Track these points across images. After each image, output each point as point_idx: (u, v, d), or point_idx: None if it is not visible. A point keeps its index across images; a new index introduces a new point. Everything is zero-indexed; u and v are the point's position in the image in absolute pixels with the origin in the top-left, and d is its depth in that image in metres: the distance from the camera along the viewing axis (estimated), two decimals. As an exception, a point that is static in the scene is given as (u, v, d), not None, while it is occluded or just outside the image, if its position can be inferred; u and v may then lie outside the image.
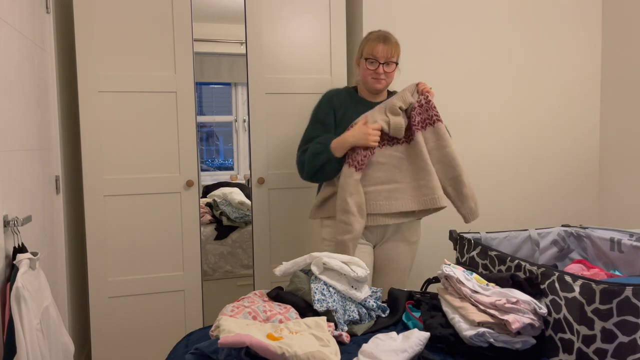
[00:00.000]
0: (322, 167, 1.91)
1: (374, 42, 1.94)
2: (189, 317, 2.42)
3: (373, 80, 1.96)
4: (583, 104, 2.90)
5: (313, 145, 1.94)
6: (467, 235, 1.79)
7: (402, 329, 1.38)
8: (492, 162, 2.79)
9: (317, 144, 1.93)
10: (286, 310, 1.33)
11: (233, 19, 2.55)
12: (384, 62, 1.93)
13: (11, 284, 1.33)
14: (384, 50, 1.92)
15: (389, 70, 1.96)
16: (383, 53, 1.92)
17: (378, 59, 1.93)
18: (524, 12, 2.77)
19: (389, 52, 1.93)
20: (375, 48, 1.93)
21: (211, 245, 2.71)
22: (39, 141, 1.87)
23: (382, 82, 1.97)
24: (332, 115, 2.00)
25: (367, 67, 1.96)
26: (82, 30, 2.20)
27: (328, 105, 2.02)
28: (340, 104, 2.01)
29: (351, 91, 2.07)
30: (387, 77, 1.97)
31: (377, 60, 1.93)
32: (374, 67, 1.94)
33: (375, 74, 1.94)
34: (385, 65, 1.94)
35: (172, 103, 2.33)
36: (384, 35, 1.96)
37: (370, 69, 1.95)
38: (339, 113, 2.00)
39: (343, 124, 1.97)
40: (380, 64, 1.93)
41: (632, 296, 1.14)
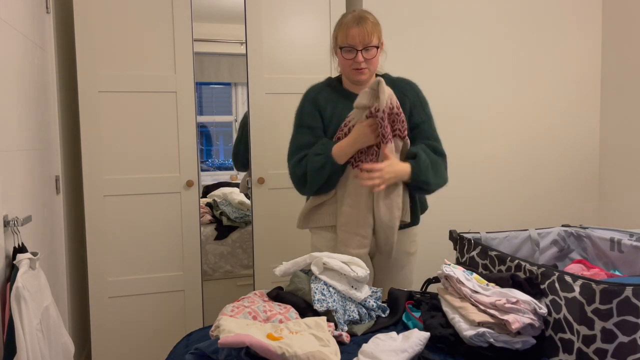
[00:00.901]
0: (328, 180, 1.68)
1: (346, 27, 1.66)
2: (189, 317, 2.42)
3: (354, 72, 1.69)
4: (583, 104, 2.90)
5: (311, 158, 1.68)
6: (467, 235, 1.79)
7: (402, 329, 1.38)
8: (492, 163, 2.79)
9: (315, 156, 1.68)
10: (286, 310, 1.33)
11: (233, 19, 2.55)
12: (362, 49, 1.65)
13: (11, 284, 1.33)
14: (360, 35, 1.63)
15: (369, 56, 1.67)
16: (359, 38, 1.64)
17: (355, 46, 1.65)
18: (524, 12, 2.77)
19: (365, 35, 1.64)
20: (349, 33, 1.64)
21: (211, 245, 2.71)
22: (39, 141, 1.87)
23: (365, 72, 1.69)
24: (319, 117, 1.76)
25: (343, 56, 1.68)
26: (82, 30, 2.20)
27: (312, 106, 1.77)
28: (326, 103, 1.76)
29: (335, 84, 1.81)
30: (369, 64, 1.68)
31: (354, 48, 1.65)
32: (351, 55, 1.67)
33: (354, 63, 1.67)
34: (364, 51, 1.65)
35: (172, 103, 2.33)
36: (357, 16, 1.66)
37: (347, 58, 1.68)
38: (327, 113, 1.75)
39: (333, 124, 1.74)
40: (358, 51, 1.65)
41: (632, 296, 1.14)
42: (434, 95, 2.68)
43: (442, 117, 2.69)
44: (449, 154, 2.69)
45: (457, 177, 2.74)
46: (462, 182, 2.75)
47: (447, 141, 2.71)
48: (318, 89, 1.81)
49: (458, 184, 2.74)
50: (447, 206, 2.73)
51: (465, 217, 2.76)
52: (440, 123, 2.68)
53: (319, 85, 1.83)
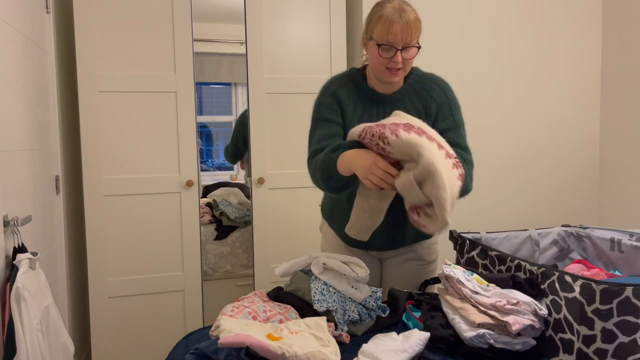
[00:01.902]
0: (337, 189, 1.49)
1: (389, 22, 1.41)
2: (189, 317, 2.42)
3: (387, 72, 1.48)
4: (583, 104, 2.90)
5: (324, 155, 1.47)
6: (467, 235, 1.79)
7: (402, 329, 1.38)
8: (492, 162, 2.79)
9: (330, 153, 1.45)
10: (286, 310, 1.33)
11: (233, 19, 2.55)
12: (403, 48, 1.44)
13: (11, 284, 1.33)
14: (403, 32, 1.41)
15: (408, 56, 1.45)
16: (402, 36, 1.41)
17: (395, 45, 1.42)
18: (524, 12, 2.77)
19: (408, 33, 1.41)
20: (391, 30, 1.41)
21: (211, 245, 2.71)
22: (39, 141, 1.87)
23: (399, 74, 1.49)
24: (339, 112, 1.55)
25: (379, 54, 1.45)
26: (82, 30, 2.20)
27: (332, 99, 1.56)
28: (349, 99, 1.56)
29: (358, 80, 1.58)
30: (405, 65, 1.47)
31: (393, 46, 1.43)
32: (389, 54, 1.44)
33: (391, 62, 1.45)
34: (404, 51, 1.44)
35: (172, 103, 2.33)
36: (399, 8, 1.42)
37: (384, 57, 1.45)
38: (348, 111, 1.55)
39: (355, 120, 1.56)
40: (398, 50, 1.43)
41: (633, 296, 1.14)
42: (434, 95, 2.68)
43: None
44: (449, 154, 2.70)
45: (457, 177, 2.74)
46: (462, 182, 2.75)
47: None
48: (340, 83, 1.59)
49: (458, 184, 2.74)
50: (447, 206, 2.73)
51: (465, 217, 2.76)
52: (440, 123, 2.70)
53: (341, 77, 1.61)
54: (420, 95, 1.58)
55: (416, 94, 1.59)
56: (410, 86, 1.59)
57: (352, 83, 1.59)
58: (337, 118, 1.54)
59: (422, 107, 1.58)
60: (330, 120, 1.54)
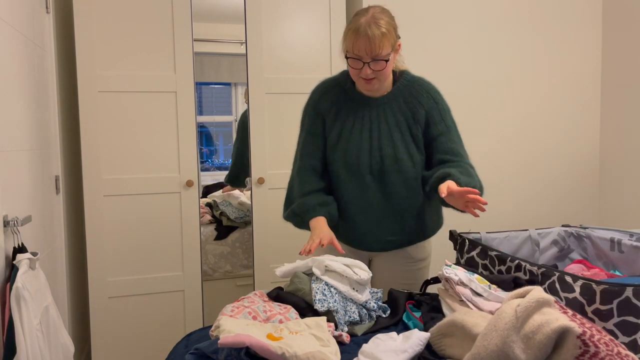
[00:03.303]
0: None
1: (353, 36, 1.47)
2: (189, 317, 2.42)
3: (362, 82, 1.54)
4: (583, 104, 2.90)
5: (298, 205, 1.63)
6: (467, 235, 1.79)
7: (403, 329, 1.38)
8: (492, 162, 2.79)
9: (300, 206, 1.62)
10: (286, 310, 1.33)
11: (233, 19, 2.55)
12: (370, 60, 1.48)
13: (11, 284, 1.33)
14: (367, 46, 1.45)
15: (377, 68, 1.49)
16: (366, 50, 1.46)
17: (361, 58, 1.48)
18: (524, 12, 2.77)
19: (373, 47, 1.45)
20: (356, 44, 1.47)
21: (211, 245, 2.71)
22: (38, 141, 1.87)
23: (373, 82, 1.53)
24: (320, 123, 1.65)
25: (350, 66, 1.53)
26: (82, 30, 2.20)
27: (314, 111, 1.65)
28: (330, 107, 1.63)
29: (346, 84, 1.64)
30: (378, 75, 1.51)
31: (360, 59, 1.49)
32: (357, 66, 1.50)
33: (361, 73, 1.51)
34: (373, 63, 1.48)
35: (172, 103, 2.33)
36: (365, 23, 1.45)
37: (353, 68, 1.52)
38: (330, 117, 1.63)
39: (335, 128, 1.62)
40: (365, 63, 1.49)
41: (633, 296, 1.14)
42: (434, 95, 2.68)
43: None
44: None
45: (457, 177, 2.74)
46: (462, 182, 2.75)
47: (447, 141, 2.72)
48: (324, 89, 1.66)
49: (458, 184, 2.74)
50: (447, 206, 2.73)
51: (465, 217, 2.76)
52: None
53: (328, 83, 1.68)
54: (408, 100, 1.61)
55: (404, 98, 1.61)
56: (398, 90, 1.62)
57: (340, 87, 1.65)
58: (318, 129, 1.65)
59: (409, 113, 1.60)
60: (312, 133, 1.66)
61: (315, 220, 1.57)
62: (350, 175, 1.61)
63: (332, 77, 1.69)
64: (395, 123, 1.59)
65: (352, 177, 1.61)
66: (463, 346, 1.13)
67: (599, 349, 0.93)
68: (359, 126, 1.60)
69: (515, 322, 1.00)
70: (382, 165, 1.58)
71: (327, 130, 1.64)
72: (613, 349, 0.94)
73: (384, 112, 1.60)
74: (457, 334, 1.17)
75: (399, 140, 1.58)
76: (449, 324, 1.19)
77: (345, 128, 1.61)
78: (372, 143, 1.59)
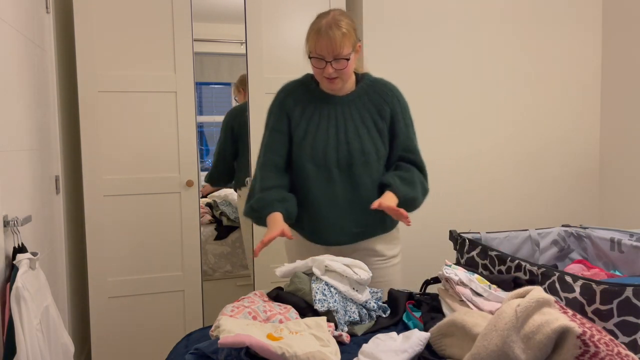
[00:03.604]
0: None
1: (316, 36, 1.55)
2: (189, 317, 2.42)
3: (325, 81, 1.61)
4: (583, 104, 2.90)
5: (256, 201, 1.63)
6: (467, 235, 1.79)
7: (403, 329, 1.38)
8: (492, 162, 2.79)
9: (258, 202, 1.62)
10: (286, 310, 1.33)
11: (233, 19, 2.55)
12: (333, 60, 1.55)
13: (11, 284, 1.33)
14: (328, 46, 1.53)
15: (339, 67, 1.56)
16: (328, 49, 1.54)
17: (324, 57, 1.56)
18: (524, 12, 2.77)
19: (335, 47, 1.53)
20: (317, 44, 1.55)
21: (211, 245, 2.71)
22: (39, 141, 1.87)
23: (336, 82, 1.60)
24: (286, 122, 1.69)
25: (313, 65, 1.60)
26: (82, 30, 2.20)
27: (280, 110, 1.70)
28: (295, 105, 1.69)
29: (311, 84, 1.71)
30: (340, 74, 1.58)
31: (323, 59, 1.56)
32: (321, 65, 1.57)
33: (324, 72, 1.58)
34: (335, 62, 1.56)
35: (172, 103, 2.33)
36: (326, 24, 1.54)
37: (316, 67, 1.60)
38: (295, 115, 1.68)
39: (301, 127, 1.67)
40: (328, 62, 1.56)
41: (633, 296, 1.14)
42: (433, 96, 2.68)
43: (442, 118, 2.70)
44: (450, 154, 2.71)
45: (458, 177, 2.74)
46: (463, 182, 2.75)
47: (447, 142, 2.72)
48: (289, 90, 1.73)
49: (458, 184, 2.74)
50: (446, 206, 2.73)
51: (465, 217, 2.77)
52: (441, 124, 2.70)
53: (293, 84, 1.75)
54: (373, 98, 1.68)
55: (369, 97, 1.68)
56: (362, 89, 1.69)
57: (304, 88, 1.71)
58: (283, 127, 1.69)
59: (375, 109, 1.68)
60: (276, 129, 1.69)
61: (272, 217, 1.59)
62: (317, 170, 1.66)
63: (297, 79, 1.76)
64: (361, 119, 1.66)
65: (319, 171, 1.66)
66: (463, 346, 1.13)
67: (599, 349, 0.93)
68: (325, 123, 1.66)
69: (515, 322, 1.00)
70: (349, 158, 1.64)
71: (292, 128, 1.69)
72: (613, 349, 0.94)
73: (349, 109, 1.67)
74: (457, 334, 1.17)
75: (365, 135, 1.65)
76: (449, 324, 1.19)
77: (312, 125, 1.67)
78: (338, 138, 1.65)
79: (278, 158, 1.69)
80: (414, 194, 1.62)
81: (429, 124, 2.68)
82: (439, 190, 2.71)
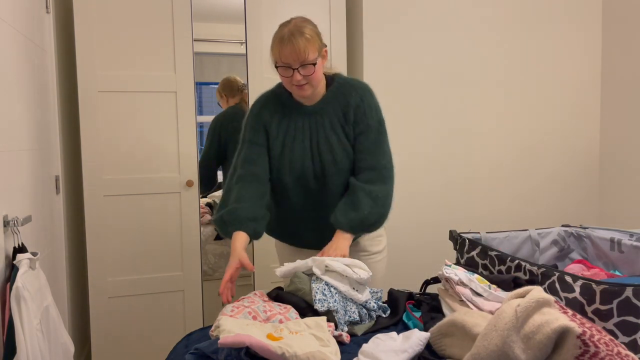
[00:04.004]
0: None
1: (279, 45, 1.53)
2: (189, 317, 2.42)
3: (295, 88, 1.58)
4: (583, 104, 2.90)
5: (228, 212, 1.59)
6: (467, 235, 1.79)
7: (403, 329, 1.38)
8: (492, 162, 2.79)
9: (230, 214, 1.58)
10: (286, 310, 1.33)
11: (233, 19, 2.55)
12: (299, 66, 1.52)
13: (11, 284, 1.33)
14: (293, 53, 1.50)
15: (307, 73, 1.53)
16: (293, 56, 1.51)
17: (290, 65, 1.53)
18: (524, 12, 2.77)
19: (299, 53, 1.50)
20: (282, 52, 1.52)
21: (211, 245, 2.71)
22: (39, 141, 1.87)
23: (305, 88, 1.57)
24: (264, 134, 1.66)
25: (280, 74, 1.57)
26: (82, 30, 2.20)
27: (256, 122, 1.66)
28: (271, 118, 1.66)
29: (283, 94, 1.68)
30: (309, 80, 1.55)
31: (289, 66, 1.53)
32: (288, 73, 1.54)
33: (293, 80, 1.54)
34: (302, 68, 1.52)
35: (172, 103, 2.33)
36: (289, 32, 1.52)
37: (284, 76, 1.56)
38: (272, 128, 1.65)
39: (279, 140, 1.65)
40: (295, 70, 1.53)
41: (633, 296, 1.14)
42: (433, 96, 2.68)
43: (442, 117, 2.70)
44: (449, 154, 2.71)
45: (458, 177, 2.74)
46: (463, 182, 2.75)
47: (447, 142, 2.72)
48: (263, 102, 1.70)
49: (458, 184, 2.74)
50: (446, 206, 2.73)
51: (465, 217, 2.76)
52: (441, 125, 2.70)
53: (266, 96, 1.71)
54: (340, 101, 1.64)
55: (336, 101, 1.65)
56: (331, 94, 1.65)
57: (277, 99, 1.68)
58: (260, 139, 1.66)
59: (341, 113, 1.64)
60: (253, 142, 1.66)
61: (236, 239, 1.55)
62: (295, 182, 1.66)
63: (270, 90, 1.73)
64: (331, 127, 1.64)
65: (298, 183, 1.66)
66: (463, 346, 1.13)
67: (599, 349, 0.93)
68: (300, 135, 1.65)
69: (515, 322, 1.00)
70: (323, 170, 1.63)
71: (270, 142, 1.66)
72: (613, 349, 0.94)
73: (321, 118, 1.64)
74: (457, 334, 1.17)
75: (335, 144, 1.63)
76: (449, 324, 1.19)
77: (288, 138, 1.65)
78: (312, 150, 1.63)
79: (259, 169, 1.65)
80: (359, 216, 1.56)
81: (428, 124, 2.68)
82: (438, 190, 2.71)
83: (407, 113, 2.63)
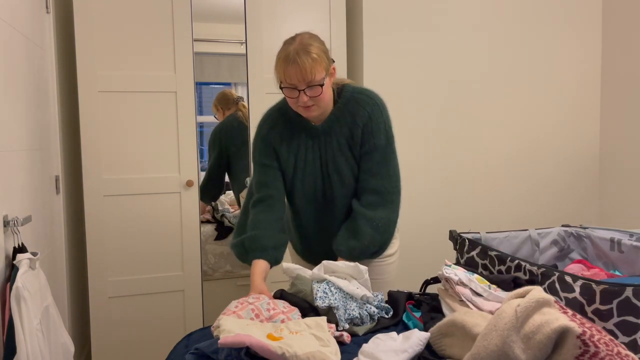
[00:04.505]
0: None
1: (283, 65, 1.44)
2: (189, 317, 2.42)
3: (301, 109, 1.50)
4: (583, 104, 2.90)
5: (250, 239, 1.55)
6: (467, 235, 1.79)
7: (403, 329, 1.38)
8: (492, 162, 2.79)
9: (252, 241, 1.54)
10: (289, 310, 1.33)
11: (233, 19, 2.55)
12: (306, 87, 1.44)
13: (11, 284, 1.33)
14: (298, 75, 1.42)
15: (314, 94, 1.45)
16: (298, 78, 1.42)
17: (295, 86, 1.44)
18: (524, 13, 2.77)
19: (306, 74, 1.41)
20: (287, 73, 1.43)
21: (211, 245, 2.71)
22: (38, 141, 1.87)
23: (312, 109, 1.49)
24: (274, 155, 1.61)
25: (287, 95, 1.49)
26: (82, 30, 2.20)
27: (265, 145, 1.61)
28: (281, 140, 1.60)
29: (289, 112, 1.59)
30: (316, 100, 1.47)
31: (295, 88, 1.45)
32: (294, 94, 1.46)
33: (298, 101, 1.47)
34: (308, 89, 1.44)
35: (172, 103, 2.33)
36: (294, 51, 1.42)
37: (289, 97, 1.49)
38: (282, 151, 1.60)
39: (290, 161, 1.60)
40: (301, 91, 1.44)
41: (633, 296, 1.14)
42: (433, 96, 2.68)
43: (442, 118, 2.70)
44: (449, 154, 2.71)
45: (458, 177, 2.74)
46: (463, 182, 2.75)
47: (448, 143, 2.72)
48: (272, 123, 1.63)
49: (458, 184, 2.74)
50: (446, 206, 2.73)
51: (465, 217, 2.77)
52: (442, 125, 2.70)
53: (273, 115, 1.64)
54: (348, 120, 1.57)
55: (344, 119, 1.57)
56: (338, 111, 1.58)
57: (285, 118, 1.61)
58: (272, 161, 1.61)
59: (349, 133, 1.58)
60: (265, 165, 1.61)
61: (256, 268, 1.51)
62: (307, 203, 1.66)
63: (276, 107, 1.66)
64: (339, 147, 1.59)
65: (310, 204, 1.66)
66: (463, 346, 1.13)
67: (598, 349, 0.93)
68: (311, 156, 1.60)
69: (515, 322, 1.00)
70: (332, 190, 1.62)
71: (282, 163, 1.62)
72: (613, 349, 0.94)
73: (330, 138, 1.59)
74: (457, 334, 1.17)
75: (343, 164, 1.59)
76: (449, 324, 1.19)
77: (299, 160, 1.61)
78: (322, 171, 1.61)
79: (274, 191, 1.61)
80: (360, 245, 1.54)
81: (428, 124, 2.68)
82: (438, 190, 2.71)
83: (407, 113, 2.63)
